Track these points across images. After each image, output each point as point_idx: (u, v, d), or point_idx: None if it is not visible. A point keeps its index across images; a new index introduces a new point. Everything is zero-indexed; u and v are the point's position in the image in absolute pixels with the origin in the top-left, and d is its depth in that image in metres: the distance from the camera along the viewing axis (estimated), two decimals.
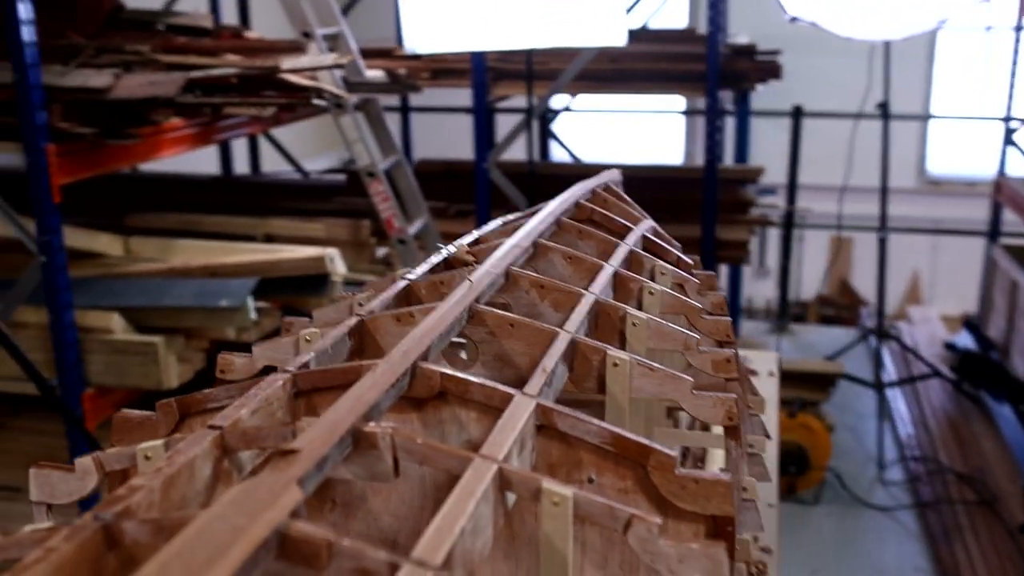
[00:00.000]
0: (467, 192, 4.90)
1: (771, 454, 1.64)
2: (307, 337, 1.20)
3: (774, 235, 7.79)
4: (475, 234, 1.66)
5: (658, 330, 1.27)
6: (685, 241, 1.92)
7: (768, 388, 2.34)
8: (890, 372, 6.05)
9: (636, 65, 4.96)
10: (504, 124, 5.92)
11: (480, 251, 1.47)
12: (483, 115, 4.70)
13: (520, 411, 0.92)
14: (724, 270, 5.85)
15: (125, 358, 3.27)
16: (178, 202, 4.58)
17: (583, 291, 1.29)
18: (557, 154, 7.14)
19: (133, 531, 0.69)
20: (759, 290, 8.92)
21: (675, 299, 1.41)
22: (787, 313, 6.86)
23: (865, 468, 5.06)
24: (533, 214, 1.68)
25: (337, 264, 3.70)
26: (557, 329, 1.13)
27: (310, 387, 1.01)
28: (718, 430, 1.46)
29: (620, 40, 4.25)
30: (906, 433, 5.40)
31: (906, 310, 7.82)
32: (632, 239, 1.64)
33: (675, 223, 4.79)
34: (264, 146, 6.55)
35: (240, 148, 6.86)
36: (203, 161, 6.52)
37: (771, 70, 5.04)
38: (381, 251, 4.53)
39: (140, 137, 3.28)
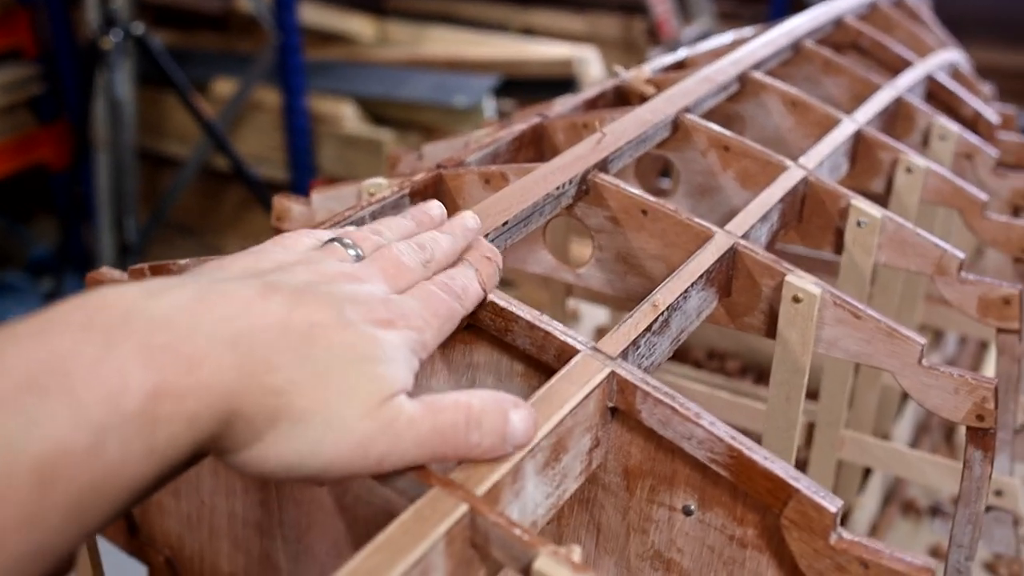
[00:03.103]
0: None
1: None
2: (371, 190, 0.86)
3: None
4: (683, 53, 1.21)
5: (897, 236, 0.80)
6: None
7: None
8: None
9: None
10: None
11: (668, 80, 1.03)
12: None
13: (572, 387, 0.53)
14: None
15: (354, 151, 3.10)
16: None
17: (789, 162, 0.84)
18: None
19: None
20: None
21: (946, 183, 0.92)
22: None
23: None
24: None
25: (590, 67, 3.27)
26: (712, 228, 0.71)
27: None
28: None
29: None
30: None
31: None
32: (908, 80, 1.12)
33: None
34: None
35: None
36: None
37: None
38: (656, 54, 4.03)
39: None
